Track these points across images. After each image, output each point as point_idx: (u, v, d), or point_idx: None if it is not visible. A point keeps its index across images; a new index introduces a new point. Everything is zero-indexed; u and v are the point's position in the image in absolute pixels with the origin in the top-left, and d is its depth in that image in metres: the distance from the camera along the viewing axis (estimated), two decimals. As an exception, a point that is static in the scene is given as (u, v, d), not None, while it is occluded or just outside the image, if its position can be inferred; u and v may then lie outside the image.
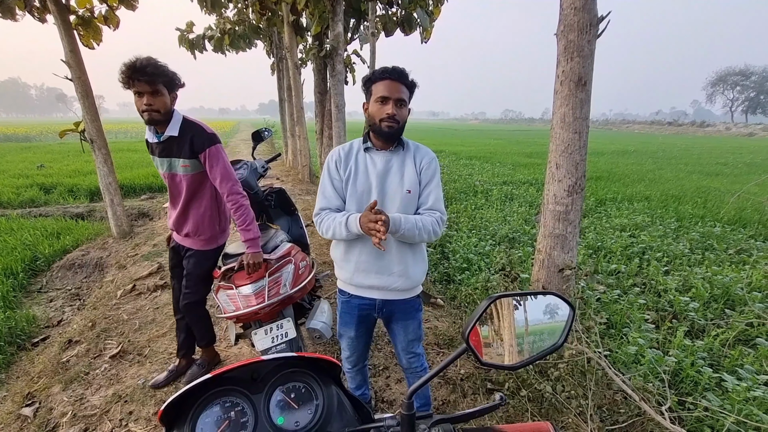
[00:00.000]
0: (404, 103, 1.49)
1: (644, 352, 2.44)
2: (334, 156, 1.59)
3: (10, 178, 9.33)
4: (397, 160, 1.55)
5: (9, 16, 4.65)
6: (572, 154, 2.18)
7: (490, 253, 4.54)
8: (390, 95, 1.44)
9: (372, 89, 1.50)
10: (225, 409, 0.70)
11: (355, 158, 1.57)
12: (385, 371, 2.45)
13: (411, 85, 1.50)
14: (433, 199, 1.55)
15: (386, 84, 1.45)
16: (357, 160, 1.57)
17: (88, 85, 4.89)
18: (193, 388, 0.66)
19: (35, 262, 4.69)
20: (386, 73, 1.46)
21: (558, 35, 2.17)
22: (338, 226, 1.47)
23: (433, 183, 1.57)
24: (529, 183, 9.15)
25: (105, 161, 5.14)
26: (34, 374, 2.65)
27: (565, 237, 2.25)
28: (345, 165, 1.56)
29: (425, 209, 1.55)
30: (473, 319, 0.73)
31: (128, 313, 3.31)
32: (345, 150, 1.60)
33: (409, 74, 1.49)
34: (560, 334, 0.78)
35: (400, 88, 1.46)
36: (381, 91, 1.46)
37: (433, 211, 1.55)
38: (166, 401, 0.64)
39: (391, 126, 1.46)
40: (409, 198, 1.53)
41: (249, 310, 1.90)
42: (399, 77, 1.46)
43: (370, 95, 1.51)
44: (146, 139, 2.05)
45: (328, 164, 1.59)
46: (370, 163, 1.55)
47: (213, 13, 8.95)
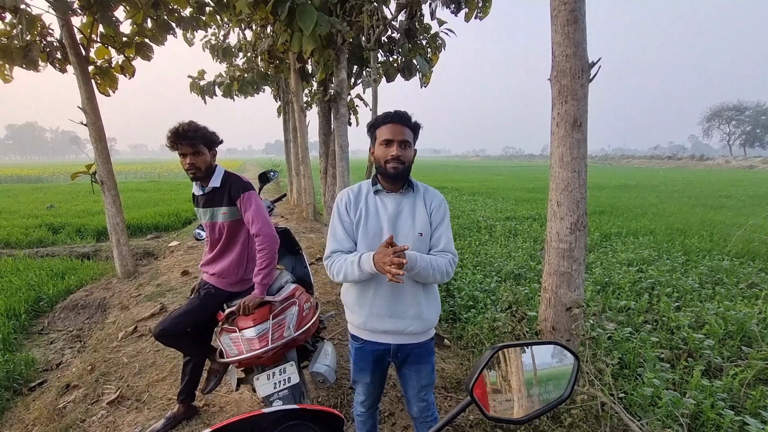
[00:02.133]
0: (408, 144, 1.51)
1: (661, 393, 2.34)
2: (343, 198, 1.60)
3: (20, 218, 9.49)
4: (407, 202, 1.57)
5: (32, 67, 4.92)
6: (572, 192, 2.21)
7: (496, 290, 4.47)
8: (393, 137, 1.48)
9: (376, 134, 1.54)
10: None
11: (365, 201, 1.58)
12: (391, 417, 2.36)
13: (414, 126, 1.53)
14: (444, 241, 1.56)
15: (389, 127, 1.49)
16: (367, 202, 1.57)
17: (102, 129, 5.09)
18: None
19: (38, 303, 4.68)
20: (389, 117, 1.51)
21: (552, 80, 2.27)
22: (350, 266, 1.46)
23: (444, 225, 1.58)
24: (532, 218, 9.15)
25: (114, 202, 5.25)
26: (29, 421, 2.57)
27: (570, 275, 2.24)
28: (355, 207, 1.57)
29: (437, 251, 1.55)
30: (477, 370, 0.72)
31: (128, 356, 3.25)
32: (354, 192, 1.61)
33: (412, 116, 1.53)
34: (566, 384, 0.77)
35: (403, 131, 1.49)
36: (385, 134, 1.49)
37: (445, 253, 1.55)
38: None
39: (396, 167, 1.48)
40: (421, 241, 1.53)
41: (252, 354, 1.86)
42: (401, 120, 1.50)
43: (375, 139, 1.54)
44: (193, 192, 2.25)
45: (338, 207, 1.59)
46: (381, 206, 1.56)
47: (224, 61, 9.45)
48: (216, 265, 2.22)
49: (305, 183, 8.66)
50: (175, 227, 9.44)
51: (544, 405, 0.75)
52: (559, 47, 2.20)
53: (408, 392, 1.69)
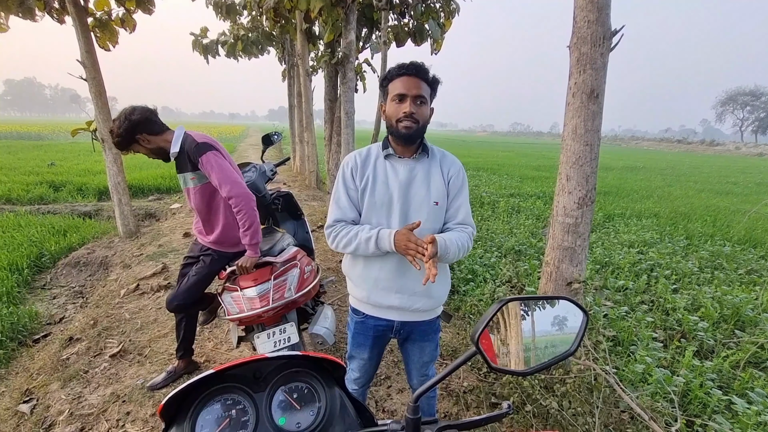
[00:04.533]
0: (424, 100, 1.33)
1: (652, 370, 2.38)
2: (349, 163, 1.45)
3: (21, 175, 9.45)
4: (421, 168, 1.41)
5: (29, 17, 4.75)
6: (583, 166, 2.16)
7: (496, 264, 4.50)
8: (407, 92, 1.30)
9: (389, 88, 1.36)
10: (226, 406, 0.69)
11: (373, 166, 1.42)
12: (387, 380, 2.41)
13: (433, 81, 1.36)
14: (464, 213, 1.43)
15: (403, 81, 1.31)
16: (376, 167, 1.42)
17: (102, 85, 4.96)
18: (194, 383, 0.65)
19: (41, 259, 4.72)
20: (403, 68, 1.32)
21: (571, 47, 2.17)
22: (363, 242, 1.34)
23: (463, 195, 1.44)
24: (536, 196, 9.09)
25: (115, 161, 5.19)
26: (34, 371, 2.64)
27: (574, 250, 2.22)
28: (362, 173, 1.42)
29: (456, 224, 1.43)
30: (483, 322, 0.71)
31: (130, 313, 3.30)
32: (362, 156, 1.45)
33: (430, 70, 1.35)
34: (573, 340, 0.77)
35: (419, 84, 1.31)
36: (398, 89, 1.32)
37: (464, 226, 1.43)
38: (167, 396, 0.63)
39: (409, 126, 1.31)
40: (436, 210, 1.40)
41: (252, 313, 1.88)
42: (417, 72, 1.32)
43: (387, 95, 1.37)
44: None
45: (343, 172, 1.44)
46: (391, 172, 1.41)
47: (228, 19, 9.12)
48: (210, 234, 2.17)
49: (309, 150, 8.55)
50: (177, 190, 9.40)
51: (549, 358, 0.75)
52: (582, 12, 2.08)
53: (409, 365, 1.64)
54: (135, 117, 1.94)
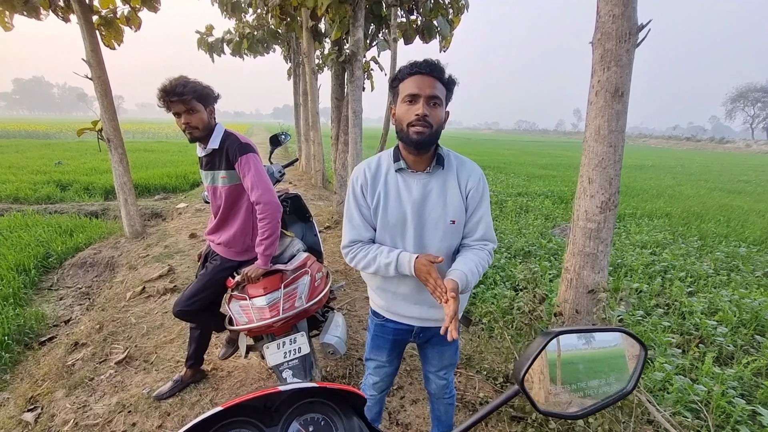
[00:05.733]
0: (438, 101, 1.21)
1: (672, 378, 2.29)
2: (359, 178, 1.34)
3: (29, 174, 9.48)
4: (436, 183, 1.29)
5: (34, 15, 4.71)
6: (606, 169, 2.06)
7: (506, 266, 4.40)
8: (420, 92, 1.18)
9: (399, 89, 1.24)
10: None
11: (384, 181, 1.32)
12: (400, 391, 2.33)
13: (448, 82, 1.24)
14: (483, 229, 1.33)
15: (416, 79, 1.19)
16: (387, 183, 1.31)
17: (108, 84, 4.91)
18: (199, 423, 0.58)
19: (47, 259, 4.69)
20: (416, 66, 1.20)
21: (594, 43, 2.07)
22: (383, 267, 1.28)
23: (483, 208, 1.33)
24: (544, 195, 8.97)
25: (120, 161, 5.15)
26: (39, 376, 2.59)
27: (596, 256, 2.13)
28: (372, 190, 1.32)
29: (475, 240, 1.33)
30: (529, 359, 0.64)
31: (136, 317, 3.24)
32: (372, 170, 1.34)
33: (446, 68, 1.23)
34: (629, 377, 0.69)
35: (433, 84, 1.19)
36: (409, 88, 1.19)
37: (484, 243, 1.33)
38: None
39: (421, 131, 1.18)
40: (453, 230, 1.31)
41: (262, 324, 1.81)
42: (432, 71, 1.19)
43: (398, 96, 1.25)
44: (197, 153, 2.09)
45: (353, 188, 1.35)
46: (404, 188, 1.30)
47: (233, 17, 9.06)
48: (221, 234, 2.11)
49: (315, 149, 8.48)
50: (183, 189, 9.39)
51: (603, 399, 0.67)
52: (606, 5, 1.98)
53: (427, 370, 1.58)
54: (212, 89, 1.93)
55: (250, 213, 2.03)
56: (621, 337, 0.70)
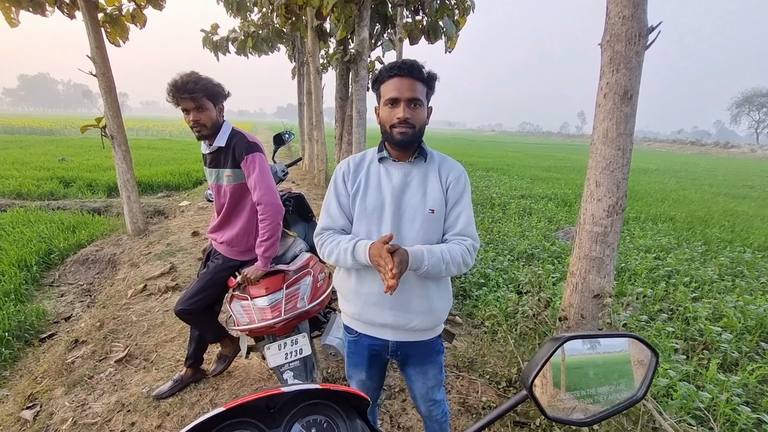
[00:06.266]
0: (419, 103, 1.22)
1: (676, 385, 2.26)
2: (342, 167, 1.36)
3: (32, 170, 9.50)
4: (418, 173, 1.30)
5: (39, 11, 4.71)
6: (614, 172, 2.03)
7: (509, 268, 4.38)
8: (400, 95, 1.19)
9: (381, 90, 1.25)
10: None
11: (366, 170, 1.33)
12: (401, 393, 2.31)
13: (428, 79, 1.24)
14: (463, 223, 1.29)
15: (395, 82, 1.20)
16: (369, 172, 1.33)
17: (112, 81, 4.91)
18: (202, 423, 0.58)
19: (49, 256, 4.69)
20: (395, 69, 1.21)
21: (603, 45, 2.04)
22: (343, 253, 1.24)
23: (463, 202, 1.31)
24: (548, 197, 8.94)
25: (124, 158, 5.14)
26: (38, 374, 2.57)
27: (602, 260, 2.10)
28: (354, 178, 1.33)
29: (453, 235, 1.30)
30: (537, 364, 0.62)
31: (137, 315, 3.23)
32: (356, 161, 1.36)
33: (424, 67, 1.24)
34: (640, 384, 0.67)
35: (413, 86, 1.20)
36: (390, 92, 1.21)
37: (463, 238, 1.29)
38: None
39: (404, 132, 1.21)
40: (431, 219, 1.28)
41: (263, 325, 1.79)
42: (410, 72, 1.20)
43: (380, 98, 1.26)
44: (201, 150, 2.07)
45: (335, 178, 1.36)
46: (385, 177, 1.30)
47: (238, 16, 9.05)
48: (224, 233, 2.09)
49: (318, 149, 8.46)
50: (186, 187, 9.39)
51: (613, 406, 0.66)
52: (616, 7, 1.95)
53: (413, 391, 1.49)
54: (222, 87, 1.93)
55: (254, 212, 2.01)
56: (631, 342, 0.69)
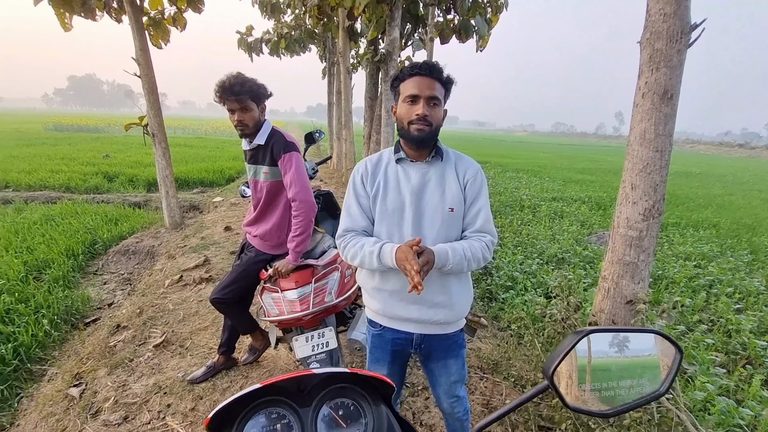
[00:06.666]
0: (438, 101, 1.27)
1: (714, 399, 2.15)
2: (360, 169, 1.39)
3: (79, 165, 10.11)
4: (435, 172, 1.33)
5: (90, 16, 5.01)
6: (651, 174, 1.96)
7: (537, 272, 4.29)
8: (420, 93, 1.24)
9: (400, 89, 1.30)
10: (271, 420, 0.67)
11: (384, 171, 1.36)
12: (425, 391, 2.32)
13: (446, 81, 1.29)
14: (482, 220, 1.33)
15: (416, 81, 1.25)
16: (387, 173, 1.35)
17: (154, 82, 5.16)
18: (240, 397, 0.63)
19: (94, 246, 4.99)
20: (416, 68, 1.26)
21: (642, 43, 1.98)
22: (368, 255, 1.27)
23: (481, 200, 1.34)
24: (581, 200, 8.67)
25: (164, 155, 5.40)
26: (84, 355, 2.75)
27: (636, 265, 2.03)
28: (373, 179, 1.36)
29: (473, 231, 1.33)
30: (559, 355, 0.65)
31: (174, 303, 3.39)
32: (373, 162, 1.39)
33: (444, 69, 1.29)
34: (663, 379, 0.69)
35: (432, 85, 1.25)
36: (410, 89, 1.25)
37: (482, 235, 1.32)
38: (214, 409, 0.61)
39: (422, 129, 1.25)
40: (451, 218, 1.31)
41: (292, 317, 1.85)
42: (431, 72, 1.25)
43: (399, 96, 1.31)
44: (242, 147, 2.18)
45: (353, 180, 1.39)
46: (403, 177, 1.34)
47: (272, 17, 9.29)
48: (258, 227, 2.18)
49: (347, 148, 8.56)
50: (219, 183, 9.74)
51: (635, 399, 0.67)
52: (657, 4, 1.88)
53: (436, 388, 1.51)
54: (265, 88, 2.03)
55: (288, 209, 2.08)
56: (655, 338, 0.69)
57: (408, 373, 2.44)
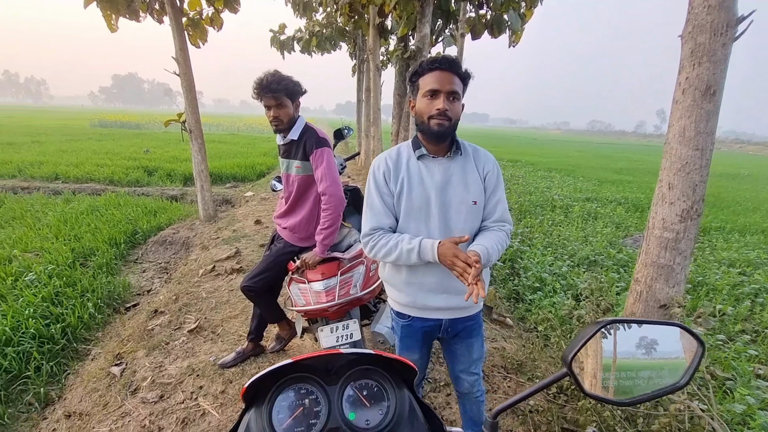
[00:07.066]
0: (457, 96, 1.27)
1: (755, 413, 2.04)
2: (381, 166, 1.38)
3: (122, 159, 10.67)
4: (456, 167, 1.36)
5: (134, 17, 5.28)
6: (690, 174, 1.88)
7: (567, 274, 4.18)
8: (440, 87, 1.24)
9: (419, 83, 1.30)
10: (300, 395, 0.72)
11: (406, 168, 1.36)
12: (446, 388, 2.32)
13: (465, 76, 1.29)
14: (501, 210, 1.40)
15: (436, 75, 1.25)
16: (409, 169, 1.36)
17: (192, 80, 5.38)
18: (273, 370, 0.68)
19: (134, 236, 5.27)
20: (435, 63, 1.26)
21: (684, 37, 1.89)
22: (405, 253, 1.29)
23: (500, 190, 1.41)
24: (617, 202, 8.34)
25: (199, 150, 5.62)
26: (124, 337, 2.93)
27: (671, 268, 1.95)
28: (395, 176, 1.36)
29: (493, 221, 1.39)
30: (578, 343, 0.65)
31: (207, 292, 3.55)
32: (393, 158, 1.39)
33: (462, 64, 1.29)
34: (683, 372, 0.68)
35: (452, 79, 1.25)
36: (430, 84, 1.26)
37: (502, 224, 1.39)
38: (249, 380, 0.66)
39: (442, 123, 1.25)
40: (475, 210, 1.36)
41: (318, 307, 1.90)
42: (450, 67, 1.25)
43: (417, 90, 1.31)
44: (276, 142, 2.25)
45: (375, 176, 1.38)
46: (426, 174, 1.35)
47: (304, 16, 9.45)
48: (288, 219, 2.25)
49: (375, 145, 8.61)
50: (251, 179, 10.03)
51: (654, 390, 0.67)
52: (701, -5, 1.80)
53: (457, 367, 1.55)
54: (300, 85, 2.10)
55: (317, 203, 2.14)
56: (677, 331, 0.69)
57: (430, 369, 2.45)
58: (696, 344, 0.67)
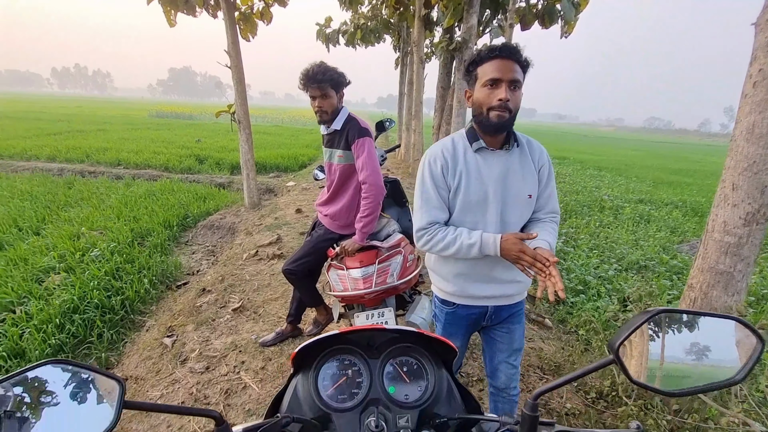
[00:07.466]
0: (519, 85, 1.22)
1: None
2: (438, 160, 1.33)
3: (176, 148, 11.34)
4: (514, 161, 1.33)
5: (191, 12, 5.57)
6: (758, 174, 1.73)
7: (614, 278, 3.98)
8: (502, 76, 1.18)
9: (478, 72, 1.24)
10: (344, 365, 0.75)
11: (464, 161, 1.32)
12: (480, 383, 2.31)
13: (526, 64, 1.23)
14: (554, 202, 1.41)
15: (496, 64, 1.19)
16: (467, 163, 1.32)
17: (242, 73, 5.61)
18: (321, 339, 0.73)
19: (186, 219, 5.62)
20: (495, 50, 1.20)
21: (759, 24, 1.73)
22: (465, 248, 1.28)
23: (552, 182, 1.41)
24: (673, 205, 7.82)
25: (247, 140, 5.86)
26: (176, 312, 3.15)
27: (731, 275, 1.82)
28: (453, 170, 1.32)
29: (546, 213, 1.40)
30: (627, 330, 0.63)
31: (250, 274, 3.72)
32: (449, 151, 1.33)
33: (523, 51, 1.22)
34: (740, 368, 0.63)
35: (513, 67, 1.19)
36: (491, 73, 1.19)
37: (554, 215, 1.41)
38: (299, 347, 0.71)
39: (502, 115, 1.20)
40: (530, 203, 1.36)
41: (355, 293, 1.94)
42: (511, 54, 1.19)
43: (476, 80, 1.25)
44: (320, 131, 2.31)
45: (431, 169, 1.34)
46: (484, 167, 1.31)
47: (350, 9, 9.53)
48: (329, 207, 2.30)
49: (415, 139, 8.58)
50: (293, 169, 10.33)
51: (705, 383, 0.64)
52: (782, -23, 1.64)
53: (496, 358, 1.53)
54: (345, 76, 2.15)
55: (358, 192, 2.18)
56: (733, 325, 0.64)
57: (463, 363, 2.44)
58: (755, 340, 0.63)
